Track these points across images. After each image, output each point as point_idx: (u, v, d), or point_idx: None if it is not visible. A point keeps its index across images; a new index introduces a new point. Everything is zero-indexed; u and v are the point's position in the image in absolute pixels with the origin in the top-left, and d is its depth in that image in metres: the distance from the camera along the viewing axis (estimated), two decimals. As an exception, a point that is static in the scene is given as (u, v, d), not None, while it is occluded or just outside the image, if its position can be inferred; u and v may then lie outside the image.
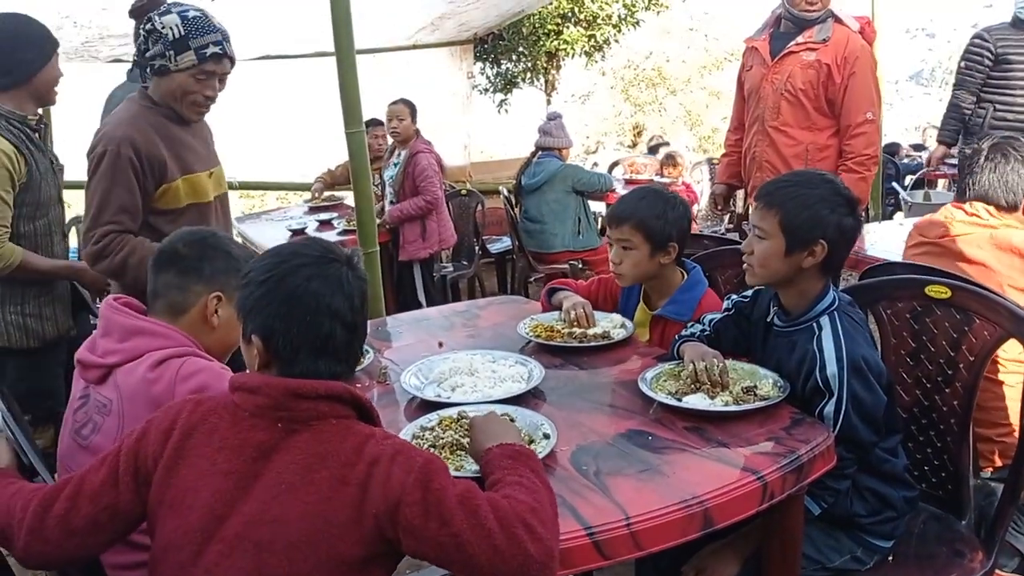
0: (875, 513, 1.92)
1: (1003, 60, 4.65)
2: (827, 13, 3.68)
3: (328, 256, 1.43)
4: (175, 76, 2.46)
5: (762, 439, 1.71)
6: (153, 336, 1.75)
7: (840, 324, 1.87)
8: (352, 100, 3.55)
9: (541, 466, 1.49)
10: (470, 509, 1.28)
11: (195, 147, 2.63)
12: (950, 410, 2.09)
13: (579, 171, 5.77)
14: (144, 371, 1.69)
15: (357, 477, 1.30)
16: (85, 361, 1.78)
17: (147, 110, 2.52)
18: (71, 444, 1.77)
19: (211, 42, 2.44)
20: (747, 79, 3.97)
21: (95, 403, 1.75)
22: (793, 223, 1.88)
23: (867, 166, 3.73)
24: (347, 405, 1.39)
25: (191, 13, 2.44)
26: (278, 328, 1.38)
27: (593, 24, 9.50)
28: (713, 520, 1.51)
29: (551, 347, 2.26)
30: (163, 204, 2.52)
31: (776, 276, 1.94)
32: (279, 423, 1.35)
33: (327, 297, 1.38)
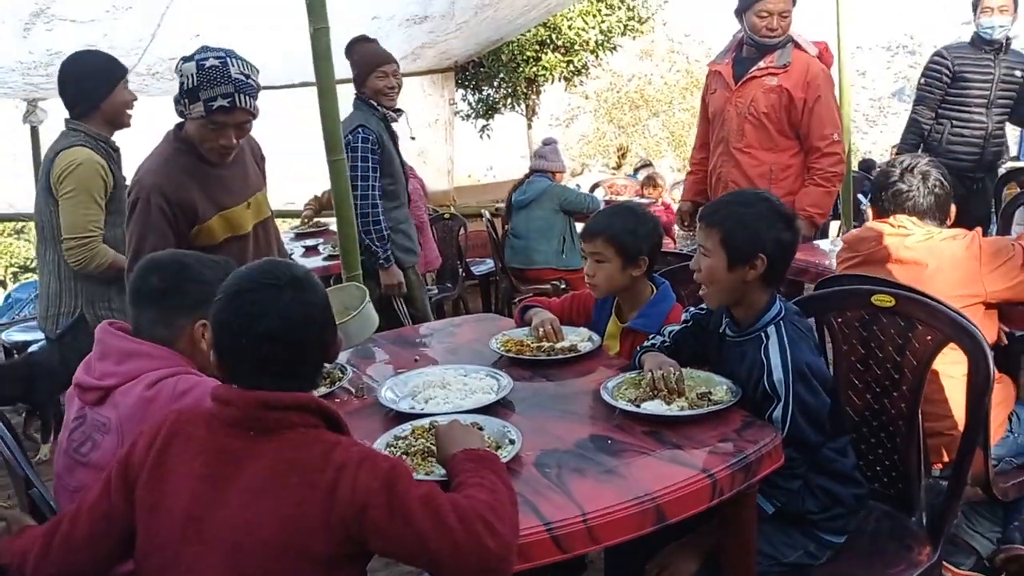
0: (826, 510, 2.03)
1: (960, 78, 4.83)
2: (787, 38, 3.85)
3: (265, 280, 1.50)
4: (191, 123, 2.53)
5: (714, 441, 1.82)
6: (149, 358, 1.84)
7: (785, 333, 2.00)
8: (333, 129, 3.66)
9: (503, 468, 1.60)
10: (432, 509, 1.39)
11: (229, 182, 2.68)
12: (898, 412, 2.21)
13: (567, 191, 5.93)
14: (141, 391, 1.78)
15: (325, 481, 1.39)
16: (84, 384, 1.86)
17: (178, 152, 2.59)
18: (68, 462, 1.86)
19: (220, 95, 2.44)
20: (711, 102, 4.14)
21: (93, 423, 1.83)
22: (733, 240, 2.01)
23: (833, 181, 3.90)
24: (315, 415, 1.48)
25: (209, 62, 2.44)
26: (224, 347, 1.50)
27: (571, 50, 9.70)
28: (665, 515, 1.62)
29: (521, 360, 2.38)
30: (200, 242, 2.60)
31: (724, 292, 2.07)
32: (251, 431, 1.45)
33: (259, 321, 1.46)
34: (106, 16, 4.40)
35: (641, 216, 2.53)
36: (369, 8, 5.31)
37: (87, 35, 4.60)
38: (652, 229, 2.52)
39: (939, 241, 2.48)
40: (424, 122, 7.85)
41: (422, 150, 7.88)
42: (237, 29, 4.86)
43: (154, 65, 5.13)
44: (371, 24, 5.52)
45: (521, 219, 5.71)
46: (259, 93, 2.57)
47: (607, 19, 9.60)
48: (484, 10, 5.80)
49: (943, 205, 2.56)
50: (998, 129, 4.96)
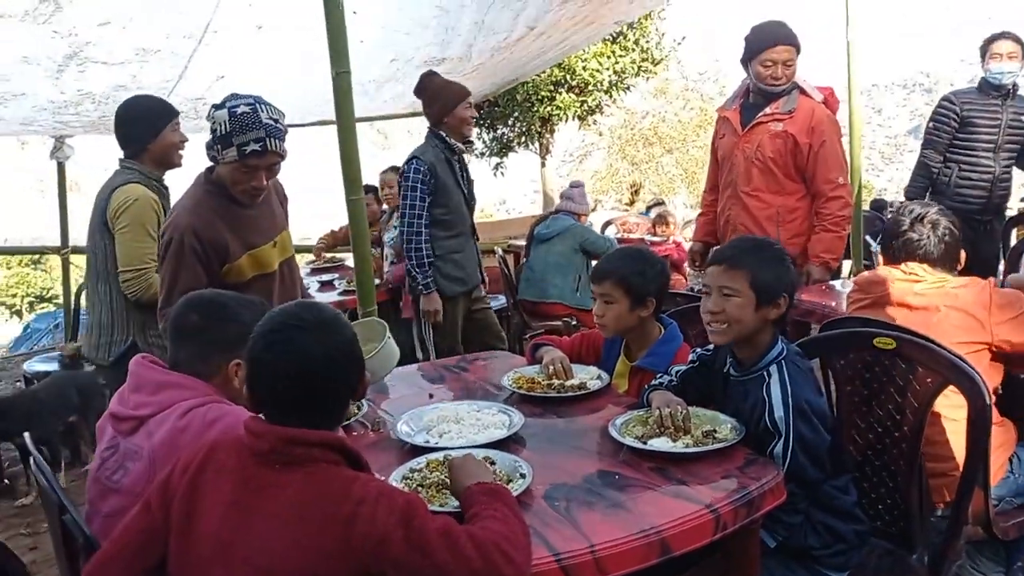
0: (827, 546, 2.10)
1: (968, 123, 4.93)
2: (792, 85, 3.95)
3: (292, 322, 1.59)
4: (223, 167, 2.65)
5: (718, 477, 1.89)
6: (181, 388, 1.94)
7: (787, 372, 2.08)
8: (353, 170, 3.79)
9: (514, 501, 1.68)
10: (450, 540, 1.46)
11: (258, 222, 2.81)
12: (899, 452, 2.27)
13: (589, 232, 6.06)
14: (174, 420, 1.88)
15: (344, 515, 1.46)
16: (118, 414, 1.96)
17: (209, 195, 2.71)
18: (101, 488, 1.95)
19: (252, 139, 2.57)
20: (720, 146, 4.24)
21: (125, 451, 1.93)
22: (761, 281, 2.12)
23: (842, 226, 3.98)
24: (338, 452, 1.56)
25: (240, 109, 2.57)
26: (255, 383, 1.59)
27: (585, 90, 9.87)
28: (670, 548, 1.69)
29: (532, 397, 2.46)
30: (229, 279, 2.72)
31: (746, 331, 2.15)
32: (277, 464, 1.53)
33: (285, 360, 1.55)
34: (135, 58, 4.55)
35: (649, 259, 2.63)
36: (389, 51, 5.46)
37: (116, 76, 4.76)
38: (659, 272, 2.61)
39: (950, 288, 2.53)
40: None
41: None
42: (259, 71, 5.02)
43: (179, 105, 5.25)
44: (390, 66, 5.68)
45: (540, 253, 5.82)
46: (286, 136, 2.69)
47: (621, 60, 9.76)
48: (501, 52, 5.94)
49: (953, 253, 2.62)
50: (1005, 173, 5.05)
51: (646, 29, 10.08)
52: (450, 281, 4.19)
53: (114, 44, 4.36)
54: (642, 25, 9.82)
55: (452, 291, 4.21)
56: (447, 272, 4.17)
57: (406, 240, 4.07)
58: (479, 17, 5.21)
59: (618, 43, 9.69)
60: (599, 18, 6.10)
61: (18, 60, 4.32)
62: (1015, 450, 2.58)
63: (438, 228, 4.13)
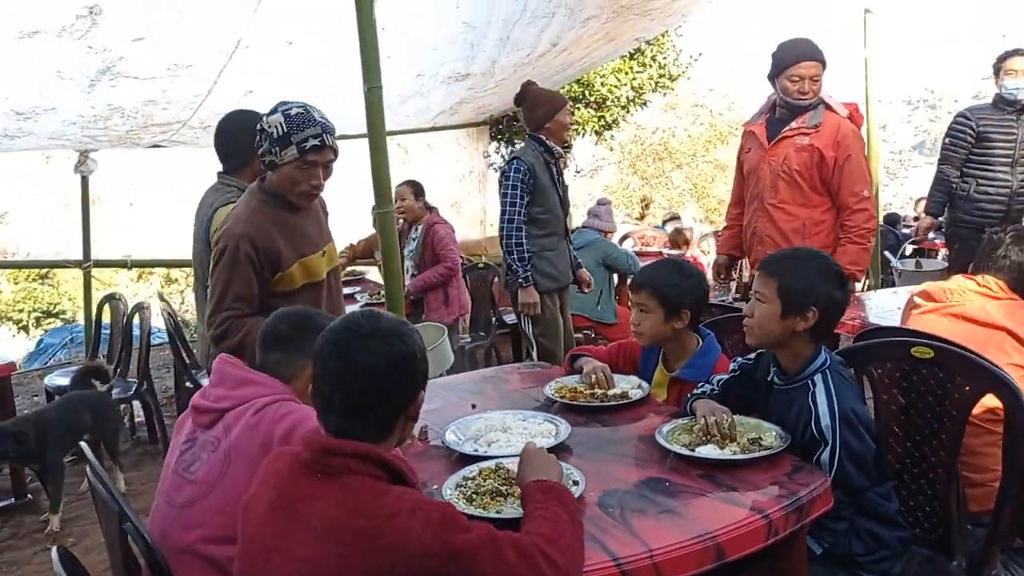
0: (871, 552, 2.13)
1: (984, 138, 4.99)
2: (818, 100, 4.00)
3: (350, 328, 1.63)
4: (282, 169, 2.69)
5: (767, 483, 1.94)
6: (259, 385, 2.04)
7: (832, 381, 2.12)
8: (383, 182, 3.86)
9: (572, 500, 1.73)
10: (491, 549, 1.49)
11: (308, 231, 2.87)
12: (938, 460, 2.31)
13: (613, 248, 6.13)
14: (248, 416, 1.97)
15: (375, 528, 1.46)
16: (200, 407, 2.05)
17: (264, 203, 2.76)
18: (178, 481, 2.01)
19: (311, 135, 2.64)
20: (746, 160, 4.29)
21: (203, 443, 2.01)
22: (790, 290, 2.16)
23: (867, 238, 4.02)
24: (376, 466, 1.55)
25: (294, 111, 2.65)
26: (313, 390, 1.64)
27: (603, 106, 9.95)
28: (725, 553, 1.73)
29: (575, 406, 2.51)
30: (280, 288, 2.77)
31: (771, 337, 2.21)
32: (318, 474, 1.56)
33: (333, 363, 1.60)
34: (167, 74, 4.62)
35: (685, 271, 2.68)
36: (415, 66, 5.54)
37: (148, 91, 4.83)
38: (696, 284, 2.65)
39: (1020, 312, 2.55)
40: (459, 174, 8.08)
41: (456, 200, 8.11)
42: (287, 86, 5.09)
43: (207, 119, 5.35)
44: (415, 81, 5.76)
45: None
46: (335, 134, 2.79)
47: (639, 76, 9.85)
48: (523, 68, 6.02)
49: None
50: (1022, 187, 5.09)
51: (663, 45, 10.15)
52: (545, 278, 4.32)
53: (146, 59, 4.44)
54: (659, 41, 9.90)
55: (545, 287, 4.34)
56: (542, 268, 4.31)
57: (506, 235, 4.22)
58: (504, 33, 5.29)
59: (636, 59, 9.75)
60: (620, 35, 6.18)
61: (52, 75, 4.40)
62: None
63: (534, 227, 4.28)
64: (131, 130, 5.45)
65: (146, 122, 5.31)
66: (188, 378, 5.17)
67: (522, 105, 4.44)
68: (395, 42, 4.79)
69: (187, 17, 4.14)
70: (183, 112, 5.22)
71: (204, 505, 1.95)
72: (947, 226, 5.34)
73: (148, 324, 5.11)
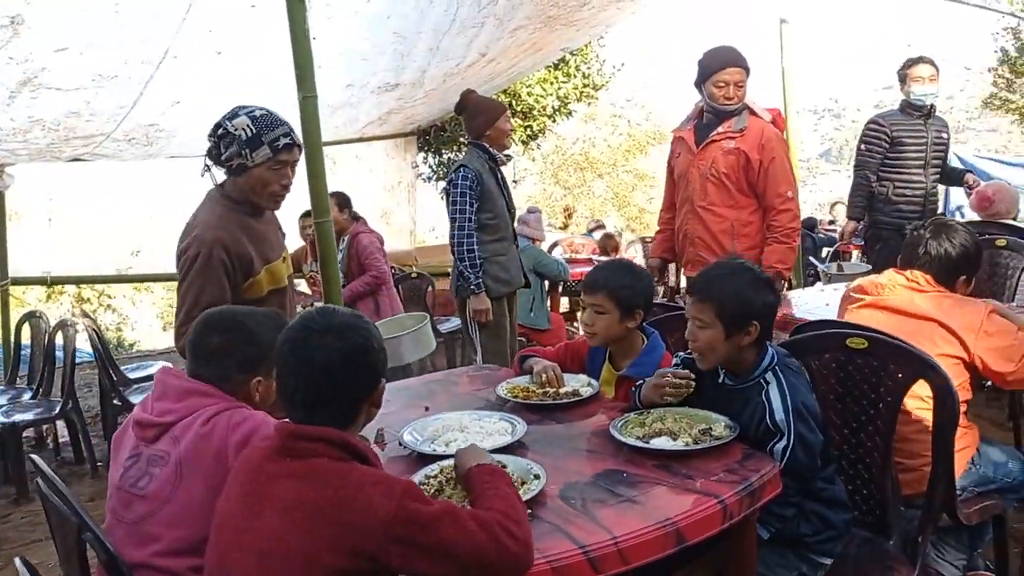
0: (818, 533, 2.23)
1: (898, 143, 5.24)
2: (743, 106, 4.15)
3: (305, 326, 1.68)
4: (253, 171, 2.68)
5: (720, 471, 2.01)
6: (204, 395, 2.00)
7: (784, 376, 2.22)
8: (320, 191, 3.86)
9: (511, 480, 1.80)
10: (452, 518, 1.54)
11: (270, 237, 2.87)
12: (873, 445, 2.43)
13: (543, 255, 6.20)
14: (198, 427, 1.93)
15: (339, 499, 1.52)
16: (143, 421, 2.00)
17: (229, 210, 2.73)
18: (127, 497, 1.96)
19: (281, 135, 2.68)
20: (676, 165, 4.42)
21: (150, 458, 1.96)
22: (728, 312, 2.23)
23: (793, 237, 4.18)
24: (341, 448, 1.62)
25: (258, 112, 2.69)
26: (278, 388, 1.71)
27: (529, 115, 10.07)
28: (685, 537, 1.79)
29: (528, 405, 2.55)
30: (249, 295, 2.73)
31: (723, 358, 2.29)
32: (286, 458, 1.61)
33: (290, 360, 1.65)
34: (91, 84, 4.51)
35: (638, 273, 2.77)
36: (346, 76, 5.52)
37: (71, 102, 4.71)
38: (647, 285, 2.74)
39: (949, 304, 2.64)
40: (388, 184, 8.06)
41: (385, 211, 8.09)
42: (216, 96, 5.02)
43: (131, 131, 5.24)
44: (346, 91, 5.74)
45: None
46: None
47: (564, 86, 10.01)
48: (452, 78, 6.06)
49: (958, 274, 2.73)
50: (934, 187, 5.39)
51: (587, 56, 10.34)
52: (496, 282, 4.35)
53: (70, 70, 4.33)
54: (583, 52, 10.08)
55: (498, 292, 4.37)
56: (494, 274, 4.34)
57: (457, 243, 4.24)
58: (434, 43, 5.32)
59: (561, 69, 9.92)
60: (546, 45, 6.27)
61: (-31, 87, 4.26)
62: (978, 447, 2.75)
63: (484, 232, 4.31)
64: (52, 143, 5.29)
65: (68, 135, 5.17)
66: (116, 395, 5.05)
67: (463, 113, 4.47)
68: (325, 52, 4.78)
69: (113, 27, 4.05)
70: (107, 124, 5.10)
71: (158, 520, 1.92)
72: (867, 228, 5.57)
73: (73, 342, 4.96)
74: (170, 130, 5.47)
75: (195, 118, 5.20)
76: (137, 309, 15.12)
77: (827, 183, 26.62)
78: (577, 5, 5.59)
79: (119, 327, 14.18)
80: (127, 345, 12.77)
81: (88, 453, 5.11)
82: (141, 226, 6.50)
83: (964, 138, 23.56)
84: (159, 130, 5.34)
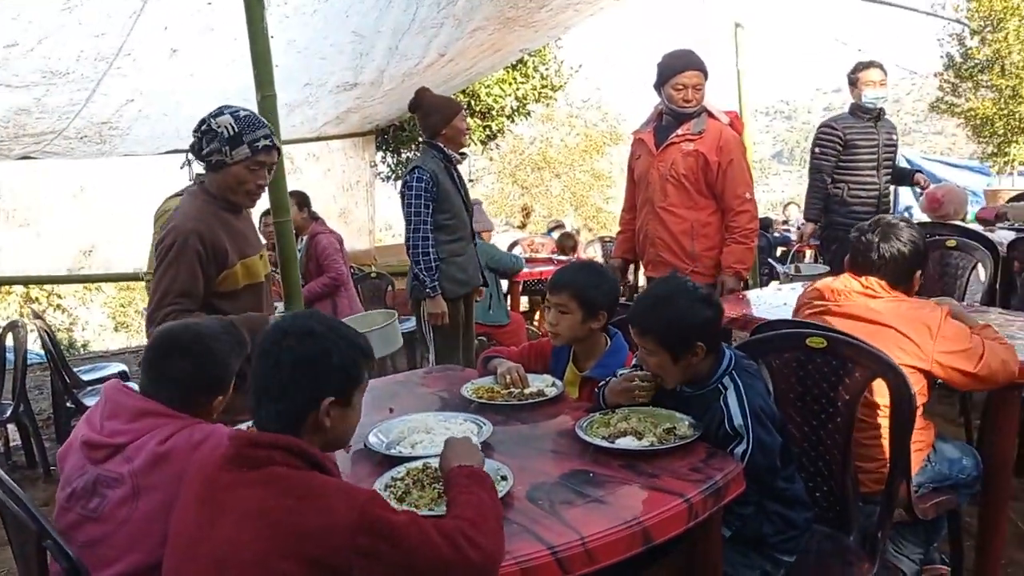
0: (780, 532, 2.26)
1: (851, 145, 5.34)
2: (701, 108, 4.20)
3: (279, 325, 1.72)
4: (231, 169, 2.74)
5: (685, 470, 2.03)
6: (161, 415, 1.93)
7: (741, 381, 2.24)
8: (280, 192, 3.83)
9: (493, 485, 1.79)
10: (416, 528, 1.53)
11: (247, 233, 2.90)
12: (833, 443, 2.47)
13: (494, 249, 6.16)
14: (154, 445, 1.86)
15: (299, 508, 1.50)
16: (92, 442, 1.92)
17: (207, 203, 2.78)
18: (75, 518, 1.89)
19: (262, 136, 2.75)
20: (636, 166, 4.46)
21: (100, 479, 1.89)
22: (669, 341, 2.26)
23: (751, 238, 4.24)
24: (299, 457, 1.60)
25: (241, 113, 2.76)
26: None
27: (488, 115, 10.07)
28: (652, 536, 1.80)
29: (494, 406, 2.55)
30: (224, 287, 2.77)
31: (681, 377, 2.31)
32: (243, 467, 1.59)
33: (256, 364, 1.68)
34: (43, 81, 4.42)
35: (603, 274, 2.79)
36: (304, 75, 5.47)
37: (20, 99, 4.61)
38: (612, 287, 2.76)
39: (904, 310, 2.65)
40: (346, 183, 8.00)
41: (343, 210, 8.03)
42: (172, 95, 4.95)
43: (84, 129, 5.14)
44: (304, 90, 5.69)
45: None
46: None
47: (522, 87, 10.03)
48: (411, 78, 6.03)
49: (911, 275, 2.75)
50: (886, 188, 5.50)
51: (545, 57, 10.39)
52: (453, 284, 4.33)
53: (20, 66, 4.23)
54: (541, 53, 10.12)
55: (455, 293, 4.35)
56: (451, 275, 4.32)
57: (412, 246, 4.21)
58: (393, 43, 5.30)
59: (519, 70, 9.94)
60: (506, 46, 6.28)
61: (-87, 83, 4.15)
62: (933, 444, 2.81)
63: (442, 233, 4.28)
64: (2, 140, 5.17)
65: (17, 132, 5.05)
66: (69, 398, 4.95)
67: (417, 111, 4.44)
68: (283, 51, 4.74)
69: (65, 23, 3.97)
70: (58, 122, 4.99)
71: (113, 543, 1.86)
72: (823, 229, 5.66)
73: (24, 343, 4.84)
74: (124, 128, 5.38)
75: (149, 116, 5.12)
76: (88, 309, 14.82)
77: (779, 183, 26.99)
78: (536, 7, 5.61)
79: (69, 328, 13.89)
80: (79, 346, 12.52)
81: (40, 457, 5.00)
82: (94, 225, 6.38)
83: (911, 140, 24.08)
84: (112, 128, 5.25)
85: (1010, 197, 8.66)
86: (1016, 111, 17.37)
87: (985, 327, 2.72)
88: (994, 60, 17.53)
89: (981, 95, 18.19)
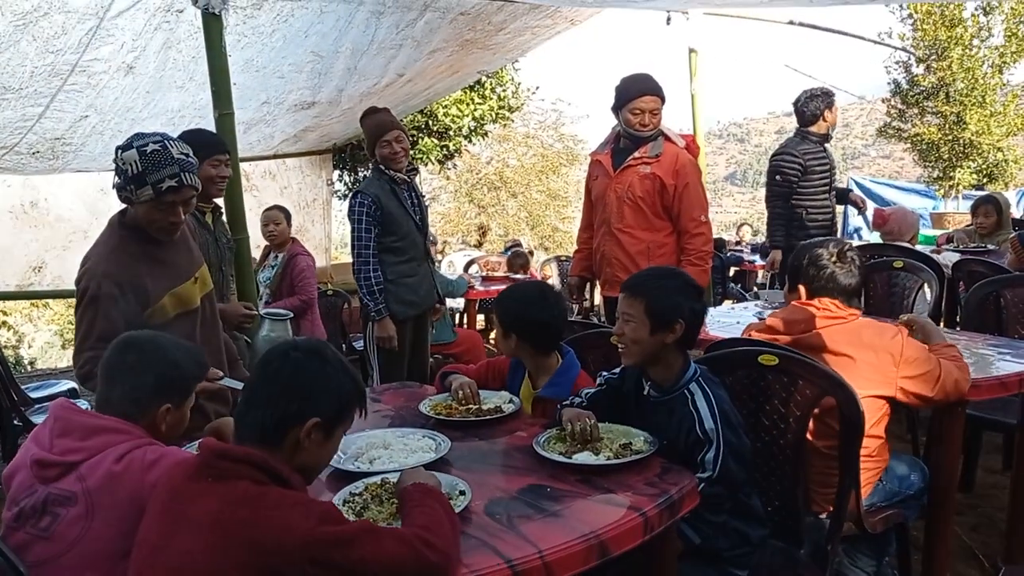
0: (735, 547, 2.31)
1: (810, 171, 5.42)
2: (658, 132, 4.27)
3: (289, 343, 1.77)
4: (138, 207, 2.57)
5: (640, 484, 2.06)
6: (115, 432, 1.90)
7: (708, 387, 2.30)
8: (237, 208, 3.82)
9: (447, 501, 1.83)
10: (370, 536, 1.56)
11: (176, 260, 2.75)
12: (784, 458, 2.53)
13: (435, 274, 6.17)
14: (109, 464, 1.83)
15: (255, 520, 1.51)
16: (43, 460, 1.87)
17: (124, 239, 2.62)
18: (25, 538, 1.84)
19: (167, 176, 2.52)
20: (594, 187, 4.52)
21: (52, 498, 1.84)
22: (656, 307, 2.32)
23: (706, 260, 4.31)
24: (264, 472, 1.61)
25: (150, 148, 2.52)
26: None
27: (445, 135, 10.12)
28: (608, 549, 1.83)
29: (451, 422, 2.57)
30: (155, 320, 2.62)
31: (645, 353, 2.35)
32: (209, 478, 1.60)
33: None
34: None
35: (547, 304, 2.81)
36: (261, 93, 5.46)
37: (-30, 114, 4.53)
38: (555, 316, 2.80)
39: (866, 339, 2.67)
40: (303, 201, 7.98)
41: (300, 228, 8.00)
42: (126, 112, 4.91)
43: (36, 144, 5.07)
44: (261, 108, 5.67)
45: None
46: (197, 168, 2.67)
47: (480, 107, 10.10)
48: (369, 97, 6.05)
49: (860, 286, 2.80)
50: (834, 209, 5.63)
51: (503, 78, 10.48)
52: (403, 305, 4.31)
53: (-29, 81, 4.17)
54: (499, 75, 10.21)
55: (405, 314, 4.33)
56: (400, 296, 4.30)
57: (356, 270, 4.22)
58: (352, 63, 5.32)
59: (476, 91, 10.02)
60: (463, 67, 6.33)
61: None
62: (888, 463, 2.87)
63: (391, 255, 4.27)
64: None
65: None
66: (17, 416, 4.84)
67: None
68: (241, 70, 4.73)
69: (19, 38, 3.93)
70: (10, 137, 4.92)
71: (65, 564, 1.82)
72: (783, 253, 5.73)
73: (-31, 361, 4.73)
74: (77, 144, 5.31)
75: (103, 133, 5.07)
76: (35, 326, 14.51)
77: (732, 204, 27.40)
78: (493, 30, 5.67)
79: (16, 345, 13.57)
80: (25, 363, 12.23)
81: (-14, 477, 4.85)
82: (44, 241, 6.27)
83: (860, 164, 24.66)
84: (66, 143, 5.17)
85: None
86: (960, 137, 17.88)
87: (949, 346, 2.80)
88: (939, 87, 18.04)
89: (927, 121, 18.70)
